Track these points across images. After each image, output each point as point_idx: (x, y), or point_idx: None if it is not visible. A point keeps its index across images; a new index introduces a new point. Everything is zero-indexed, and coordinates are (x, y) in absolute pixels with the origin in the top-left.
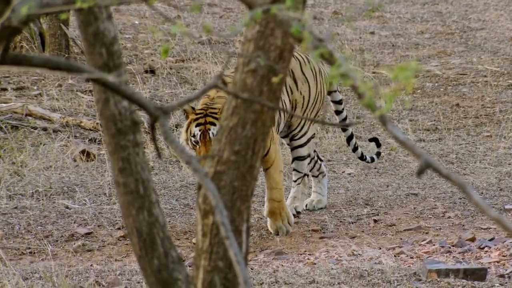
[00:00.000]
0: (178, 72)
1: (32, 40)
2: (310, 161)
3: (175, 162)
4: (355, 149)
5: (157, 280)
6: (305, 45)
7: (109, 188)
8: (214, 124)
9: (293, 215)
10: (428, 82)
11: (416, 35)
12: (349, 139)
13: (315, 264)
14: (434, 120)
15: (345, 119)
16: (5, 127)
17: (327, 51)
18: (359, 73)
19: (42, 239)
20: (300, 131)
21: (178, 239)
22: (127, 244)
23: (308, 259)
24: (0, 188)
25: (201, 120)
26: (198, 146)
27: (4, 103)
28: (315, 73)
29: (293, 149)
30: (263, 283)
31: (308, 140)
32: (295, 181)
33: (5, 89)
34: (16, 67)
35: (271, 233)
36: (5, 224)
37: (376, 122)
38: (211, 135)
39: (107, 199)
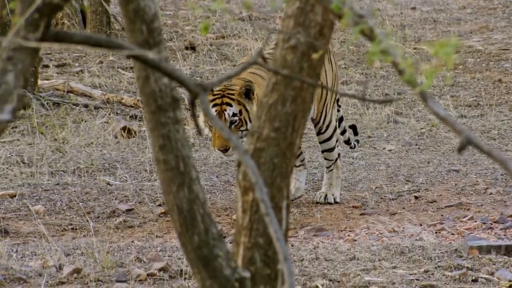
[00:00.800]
0: (219, 49)
1: (73, 17)
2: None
3: None
4: (343, 132)
5: (198, 256)
6: (345, 22)
7: (150, 164)
8: (230, 105)
9: (330, 203)
10: (470, 57)
11: (458, 11)
12: (339, 121)
13: (355, 240)
14: (476, 96)
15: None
16: (47, 104)
17: (367, 27)
18: (399, 49)
19: (83, 216)
20: (324, 122)
21: (219, 216)
22: (168, 221)
23: (349, 235)
24: (42, 164)
25: (218, 101)
26: (214, 128)
27: (46, 80)
28: (329, 53)
29: (321, 142)
30: (303, 259)
31: (335, 130)
32: (328, 167)
33: (46, 66)
34: (58, 44)
35: (311, 209)
36: (47, 201)
37: (417, 98)
38: (226, 116)
39: (148, 176)
